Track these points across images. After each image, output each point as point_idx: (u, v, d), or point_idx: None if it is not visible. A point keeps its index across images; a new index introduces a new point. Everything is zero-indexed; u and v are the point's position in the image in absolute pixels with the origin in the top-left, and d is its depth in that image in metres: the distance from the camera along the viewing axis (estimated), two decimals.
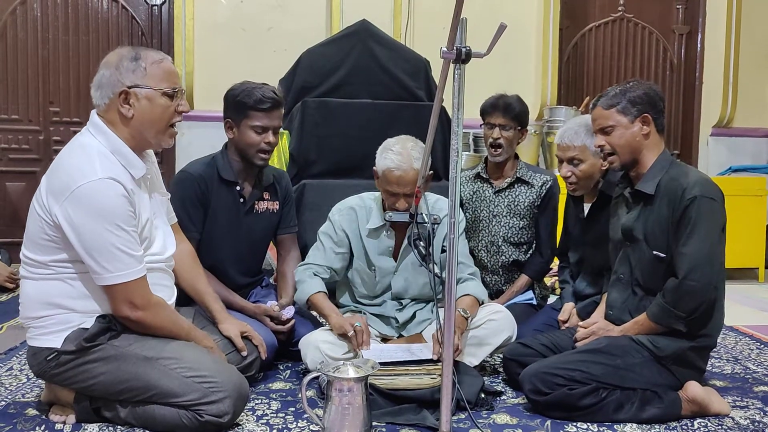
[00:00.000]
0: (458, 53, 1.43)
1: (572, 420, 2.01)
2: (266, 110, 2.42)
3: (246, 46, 4.79)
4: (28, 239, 1.87)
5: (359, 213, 2.46)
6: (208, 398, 1.80)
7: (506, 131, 2.85)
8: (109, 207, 1.76)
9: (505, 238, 2.93)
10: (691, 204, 2.01)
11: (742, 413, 2.12)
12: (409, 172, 2.23)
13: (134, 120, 1.87)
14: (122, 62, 1.86)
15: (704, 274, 2.00)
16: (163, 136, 1.94)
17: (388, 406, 2.04)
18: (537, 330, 2.51)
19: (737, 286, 4.52)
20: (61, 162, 1.85)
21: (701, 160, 5.52)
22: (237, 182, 2.50)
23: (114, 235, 1.76)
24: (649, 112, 2.12)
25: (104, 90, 1.87)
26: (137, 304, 1.83)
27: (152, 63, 1.88)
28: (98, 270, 1.78)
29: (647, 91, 2.14)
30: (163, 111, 1.90)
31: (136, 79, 1.86)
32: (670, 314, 2.03)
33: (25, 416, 1.99)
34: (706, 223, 2.01)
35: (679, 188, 2.04)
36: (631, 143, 2.13)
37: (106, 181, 1.76)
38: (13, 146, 4.80)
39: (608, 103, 2.15)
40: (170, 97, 1.90)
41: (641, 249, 2.13)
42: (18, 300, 1.94)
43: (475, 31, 1.60)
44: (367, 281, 2.49)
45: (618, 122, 2.14)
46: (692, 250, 2.00)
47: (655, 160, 2.14)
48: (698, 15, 5.51)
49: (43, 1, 4.74)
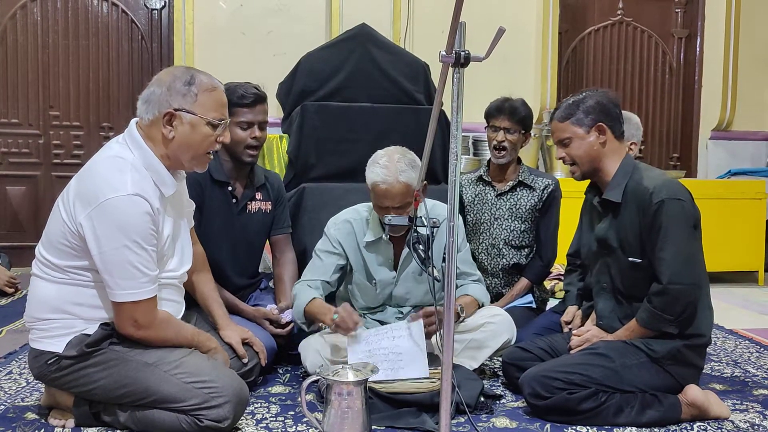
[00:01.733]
0: (457, 57, 1.43)
1: (572, 424, 2.01)
2: (249, 105, 2.45)
3: (246, 50, 4.80)
4: (48, 240, 1.86)
5: (355, 226, 2.44)
6: (208, 403, 1.80)
7: (511, 134, 2.87)
8: (133, 224, 1.76)
9: (506, 241, 2.93)
10: (660, 208, 2.01)
11: (741, 416, 2.11)
12: (395, 186, 2.21)
13: (174, 142, 1.87)
14: (175, 83, 1.86)
15: (686, 275, 2.01)
16: (198, 162, 1.94)
17: (387, 409, 2.04)
18: (536, 334, 2.50)
19: (737, 289, 4.52)
20: (93, 170, 1.83)
21: (701, 163, 5.53)
22: (229, 182, 2.51)
23: (133, 252, 1.77)
24: (603, 121, 2.14)
25: (151, 106, 1.87)
26: (141, 323, 1.83)
27: (204, 90, 1.88)
28: (111, 284, 1.78)
29: (600, 99, 2.15)
30: (204, 139, 1.89)
31: (184, 104, 1.86)
32: (659, 318, 2.03)
33: (24, 420, 1.98)
34: (677, 225, 2.02)
35: (646, 193, 2.05)
36: (590, 153, 2.15)
37: (134, 198, 1.76)
38: (13, 150, 4.80)
39: (562, 115, 2.17)
40: (214, 127, 1.90)
41: (618, 257, 2.15)
42: (17, 304, 1.94)
43: (474, 35, 1.60)
44: (368, 294, 2.48)
45: (574, 134, 2.15)
46: (669, 254, 2.01)
47: (618, 167, 2.15)
48: (697, 18, 5.52)
49: (43, 5, 4.75)
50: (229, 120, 1.96)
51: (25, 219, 4.79)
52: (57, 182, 4.80)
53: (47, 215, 1.89)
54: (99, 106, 4.86)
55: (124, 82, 4.87)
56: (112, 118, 4.90)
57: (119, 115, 4.90)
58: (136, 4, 4.90)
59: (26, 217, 4.80)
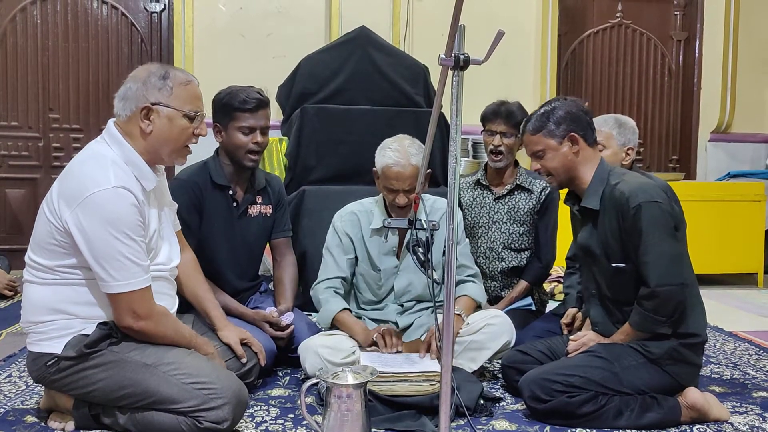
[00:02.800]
0: (456, 60, 1.43)
1: (571, 427, 2.01)
2: (251, 110, 2.44)
3: (245, 52, 4.81)
4: (35, 243, 1.87)
5: (361, 217, 2.49)
6: (207, 405, 1.80)
7: (507, 138, 2.86)
8: (120, 216, 1.77)
9: (505, 245, 2.93)
10: (637, 212, 2.01)
11: (741, 419, 2.11)
12: (408, 168, 2.28)
13: (152, 136, 1.90)
14: (150, 78, 1.89)
15: (672, 275, 2.01)
16: (177, 155, 1.98)
17: (387, 412, 2.04)
18: (536, 336, 2.50)
19: (736, 291, 4.52)
20: (74, 169, 1.85)
21: (700, 165, 5.53)
22: (229, 186, 2.51)
23: (123, 243, 1.78)
24: (575, 130, 2.14)
25: (128, 102, 1.90)
26: (140, 313, 1.83)
27: (179, 84, 1.91)
28: (105, 277, 1.79)
29: (569, 109, 2.15)
30: (181, 132, 1.92)
31: (160, 97, 1.89)
32: (651, 320, 2.03)
33: (24, 423, 1.98)
34: (656, 227, 2.01)
35: (623, 198, 2.05)
36: (565, 163, 2.15)
37: (119, 190, 1.78)
38: (12, 153, 4.80)
39: (533, 127, 2.17)
40: (190, 120, 1.93)
41: (601, 263, 2.15)
42: (17, 307, 1.95)
43: (473, 37, 1.61)
44: (372, 284, 2.50)
45: (547, 146, 2.15)
46: (653, 257, 2.01)
47: (593, 174, 2.15)
48: (696, 21, 5.52)
49: (42, 8, 4.76)
50: (204, 113, 1.98)
51: (25, 221, 4.78)
52: None
53: None
54: (99, 109, 4.86)
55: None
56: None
57: None
58: (135, 6, 4.90)
59: (26, 220, 4.79)
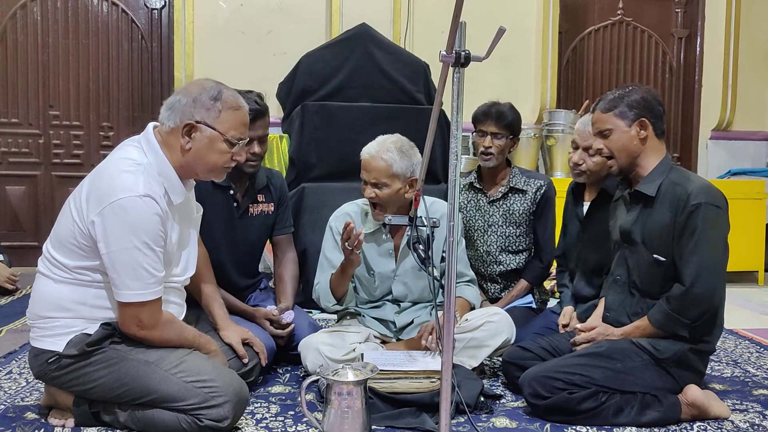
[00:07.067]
0: (457, 57, 1.43)
1: (572, 424, 2.01)
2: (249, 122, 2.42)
3: (246, 49, 4.80)
4: (56, 239, 1.86)
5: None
6: (208, 403, 1.80)
7: (498, 139, 2.83)
8: (143, 224, 1.77)
9: (502, 248, 2.92)
10: (696, 210, 2.00)
11: (741, 416, 2.11)
12: (376, 159, 2.29)
13: (189, 153, 1.89)
14: (201, 96, 1.87)
15: (710, 282, 2.00)
16: (215, 174, 1.97)
17: (387, 409, 2.04)
18: (537, 333, 2.50)
19: (737, 289, 4.52)
20: (106, 170, 1.84)
21: (701, 163, 5.52)
22: (230, 187, 2.51)
23: (141, 253, 1.77)
24: (646, 117, 2.12)
25: (174, 114, 1.88)
26: (145, 323, 1.84)
27: (228, 108, 1.89)
28: (118, 284, 1.79)
29: (645, 95, 2.14)
30: (219, 156, 1.91)
31: (207, 117, 1.87)
32: (674, 321, 2.03)
33: (24, 420, 1.98)
34: (711, 231, 2.00)
35: (683, 193, 2.04)
36: (628, 147, 2.14)
37: (145, 199, 1.77)
38: (13, 150, 4.79)
39: (606, 106, 2.16)
40: (231, 145, 1.91)
41: (639, 252, 2.13)
42: (17, 304, 1.94)
43: (474, 34, 1.61)
44: (367, 286, 2.49)
45: (615, 126, 2.14)
46: (699, 258, 2.00)
47: (656, 165, 2.14)
48: (697, 18, 5.52)
49: (43, 4, 4.75)
50: (247, 139, 1.97)
51: (25, 219, 4.78)
52: (57, 182, 4.77)
53: (47, 215, 1.90)
54: (99, 106, 4.86)
55: (124, 82, 4.86)
56: (111, 117, 4.90)
57: (119, 114, 4.90)
58: (136, 3, 4.89)
59: (26, 217, 4.79)
